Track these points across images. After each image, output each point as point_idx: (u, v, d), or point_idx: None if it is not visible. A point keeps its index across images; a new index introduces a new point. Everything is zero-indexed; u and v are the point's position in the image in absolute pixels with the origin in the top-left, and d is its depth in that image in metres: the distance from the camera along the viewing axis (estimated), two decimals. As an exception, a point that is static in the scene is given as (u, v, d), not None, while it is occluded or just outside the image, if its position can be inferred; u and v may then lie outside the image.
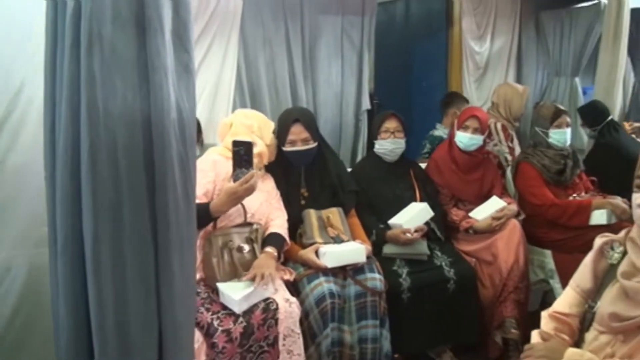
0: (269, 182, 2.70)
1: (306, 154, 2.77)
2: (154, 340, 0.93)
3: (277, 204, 2.67)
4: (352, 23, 3.79)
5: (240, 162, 2.20)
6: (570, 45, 5.05)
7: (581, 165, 3.40)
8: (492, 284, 2.97)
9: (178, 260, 0.95)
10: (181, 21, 0.97)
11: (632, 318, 1.35)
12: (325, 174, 2.89)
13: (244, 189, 2.18)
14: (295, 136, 2.73)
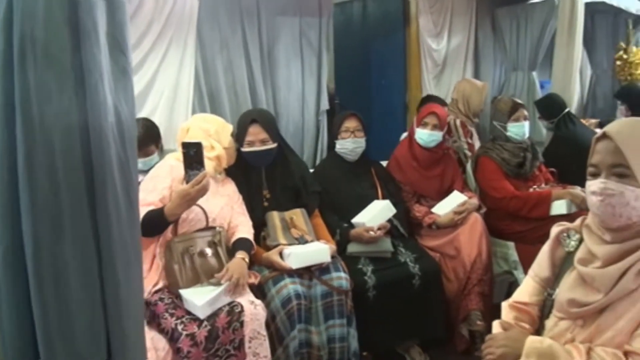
0: (230, 186, 2.67)
1: (265, 155, 2.75)
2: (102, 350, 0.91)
3: (240, 209, 2.63)
4: (310, 24, 3.79)
5: (191, 164, 2.17)
6: (527, 41, 5.13)
7: (540, 158, 3.45)
8: (457, 277, 3.00)
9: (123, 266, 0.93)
10: (116, 23, 0.95)
11: (590, 303, 1.36)
12: (286, 175, 2.88)
13: (196, 190, 2.15)
14: (253, 137, 2.72)
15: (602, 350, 1.31)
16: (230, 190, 2.64)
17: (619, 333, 1.32)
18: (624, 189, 1.31)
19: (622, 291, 1.32)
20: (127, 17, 0.98)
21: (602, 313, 1.37)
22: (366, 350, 2.78)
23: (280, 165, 2.86)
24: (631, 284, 1.32)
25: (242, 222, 2.59)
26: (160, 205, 2.25)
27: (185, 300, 2.17)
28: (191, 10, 3.16)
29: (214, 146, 2.47)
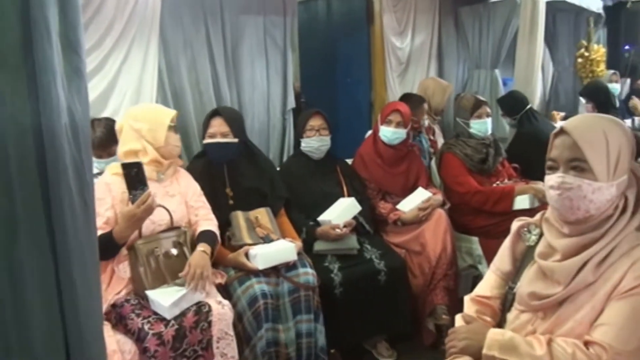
0: (183, 180, 2.56)
1: (225, 148, 2.74)
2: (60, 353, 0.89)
3: (199, 202, 2.56)
4: (274, 23, 3.77)
5: (134, 184, 2.11)
6: (489, 39, 5.21)
7: (503, 153, 3.51)
8: (422, 273, 3.04)
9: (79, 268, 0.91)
10: (69, 22, 0.93)
11: (550, 296, 1.39)
12: (252, 175, 2.86)
13: (142, 210, 2.10)
14: (214, 129, 2.73)
15: (563, 341, 1.34)
16: (183, 185, 2.54)
17: (579, 324, 1.35)
18: (581, 182, 1.34)
19: (581, 283, 1.35)
20: (81, 17, 0.96)
21: (562, 305, 1.40)
22: (334, 347, 2.79)
23: (244, 164, 2.84)
24: (590, 276, 1.35)
25: (204, 215, 2.53)
26: (107, 229, 2.17)
27: (151, 301, 2.15)
28: (153, 9, 3.12)
29: (146, 150, 2.37)
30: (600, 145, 1.35)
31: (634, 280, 1.29)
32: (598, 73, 5.74)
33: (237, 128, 2.77)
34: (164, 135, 2.40)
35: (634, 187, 1.41)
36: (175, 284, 2.20)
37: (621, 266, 1.33)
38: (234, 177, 2.82)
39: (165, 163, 2.44)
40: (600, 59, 5.81)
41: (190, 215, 2.50)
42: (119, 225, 2.14)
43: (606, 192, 1.34)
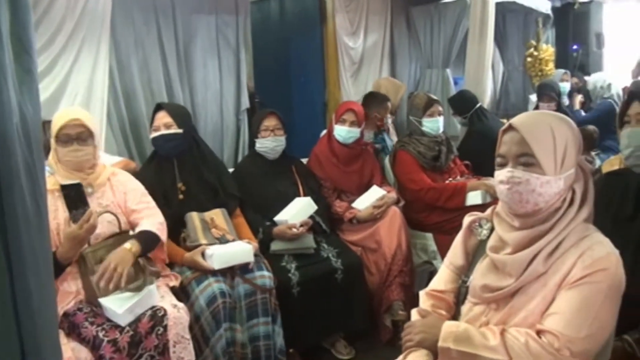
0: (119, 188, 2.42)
1: (169, 139, 2.70)
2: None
3: (141, 204, 2.44)
4: (227, 22, 3.76)
5: (75, 204, 2.09)
6: (440, 39, 5.31)
7: (455, 151, 3.59)
8: (378, 270, 3.07)
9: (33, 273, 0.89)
10: (20, 22, 0.91)
11: (503, 288, 1.43)
12: (202, 168, 2.83)
13: (85, 230, 2.05)
14: (157, 122, 2.71)
15: (516, 331, 1.37)
16: (119, 192, 2.41)
17: (531, 314, 1.39)
18: (529, 176, 1.38)
19: (532, 275, 1.39)
20: (32, 17, 0.94)
21: (514, 296, 1.43)
22: (292, 347, 2.79)
23: (193, 157, 2.81)
24: (540, 268, 1.39)
25: (147, 215, 2.42)
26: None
27: (105, 308, 2.10)
28: (104, 8, 3.06)
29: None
30: (547, 140, 1.39)
31: (583, 270, 1.33)
32: (547, 72, 5.91)
33: (180, 119, 2.73)
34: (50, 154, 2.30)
35: (581, 180, 1.45)
36: (128, 290, 2.16)
37: (570, 257, 1.37)
38: (184, 171, 2.78)
39: (88, 178, 2.31)
40: (549, 58, 5.98)
41: (131, 218, 2.41)
42: (63, 246, 2.07)
43: (554, 185, 1.38)
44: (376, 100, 3.93)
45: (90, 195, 2.30)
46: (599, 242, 1.38)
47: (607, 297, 1.32)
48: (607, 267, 1.33)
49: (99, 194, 2.35)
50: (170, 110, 2.74)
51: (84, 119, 2.27)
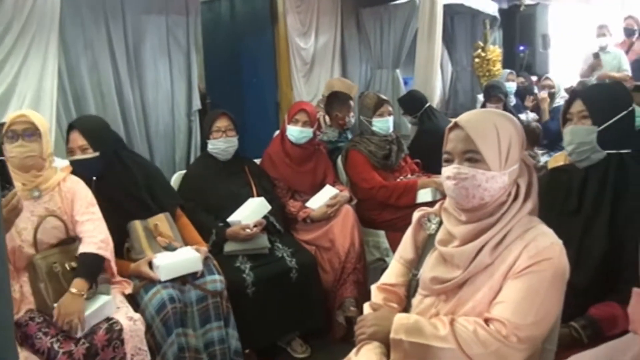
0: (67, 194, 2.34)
1: (85, 164, 2.51)
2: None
3: (85, 216, 2.32)
4: (177, 22, 3.71)
5: None
6: (390, 40, 5.38)
7: (405, 150, 3.66)
8: (332, 268, 3.10)
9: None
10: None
11: (451, 279, 1.48)
12: (127, 184, 2.67)
13: (7, 211, 1.90)
14: (72, 144, 2.53)
15: (465, 320, 1.42)
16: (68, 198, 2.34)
17: (479, 303, 1.44)
18: (475, 172, 1.43)
19: (479, 266, 1.44)
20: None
21: (462, 287, 1.48)
22: (248, 347, 2.79)
23: (116, 174, 2.64)
24: (487, 259, 1.44)
25: (88, 232, 2.29)
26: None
27: None
28: (52, 8, 2.97)
29: None
30: (491, 137, 1.44)
31: (528, 260, 1.39)
32: (494, 72, 6.04)
33: (96, 140, 2.54)
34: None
35: (525, 175, 1.51)
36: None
37: (515, 248, 1.42)
38: (106, 190, 2.56)
39: (35, 180, 2.25)
40: (496, 58, 6.11)
41: (76, 229, 2.32)
42: None
43: (499, 180, 1.44)
44: (338, 99, 3.96)
45: (38, 198, 2.24)
46: (543, 233, 1.44)
47: (552, 285, 1.38)
48: (551, 256, 1.39)
49: (46, 198, 2.28)
50: (84, 131, 2.53)
51: (31, 116, 2.22)
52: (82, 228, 2.30)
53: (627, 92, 2.19)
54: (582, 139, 1.97)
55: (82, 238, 2.29)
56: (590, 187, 1.98)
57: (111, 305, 2.17)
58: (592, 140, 1.95)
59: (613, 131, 1.95)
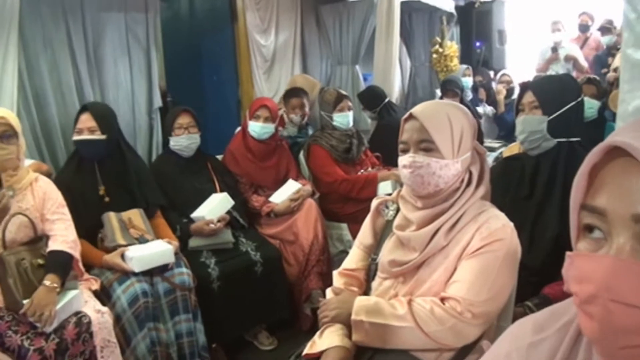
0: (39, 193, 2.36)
1: (92, 144, 2.65)
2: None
3: (56, 215, 2.35)
4: (136, 20, 3.69)
5: None
6: (349, 36, 5.42)
7: (365, 143, 3.73)
8: (297, 261, 3.15)
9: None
10: None
11: (409, 262, 1.55)
12: (124, 174, 2.79)
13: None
14: (82, 124, 2.65)
15: (422, 299, 1.50)
16: (39, 197, 2.35)
17: (435, 283, 1.52)
18: (429, 160, 1.50)
19: (434, 248, 1.52)
20: None
21: (419, 269, 1.55)
22: (215, 342, 2.82)
23: (116, 162, 2.76)
24: (442, 241, 1.51)
25: (59, 230, 2.33)
26: None
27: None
28: (12, 6, 2.94)
29: None
30: (444, 127, 1.51)
31: (481, 241, 1.47)
32: (452, 67, 6.14)
33: (105, 124, 2.68)
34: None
35: (477, 162, 1.60)
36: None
37: (469, 230, 1.50)
38: (105, 174, 2.73)
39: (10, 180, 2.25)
40: (453, 54, 6.21)
41: (45, 226, 2.34)
42: None
43: (452, 168, 1.51)
44: (289, 94, 4.00)
45: (11, 198, 2.24)
46: (494, 216, 1.52)
47: (504, 264, 1.46)
48: (502, 237, 1.47)
49: (19, 197, 2.29)
50: (95, 113, 2.68)
51: (9, 117, 2.23)
52: (53, 226, 2.32)
53: (577, 84, 2.31)
54: (533, 128, 2.07)
55: (51, 236, 2.31)
56: (541, 174, 2.08)
57: (79, 299, 2.19)
58: (543, 129, 2.05)
59: (563, 120, 2.06)
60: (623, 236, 0.61)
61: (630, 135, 0.61)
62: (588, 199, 0.66)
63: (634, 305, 0.57)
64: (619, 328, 0.59)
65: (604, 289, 0.59)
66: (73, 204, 2.51)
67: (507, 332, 0.86)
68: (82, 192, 2.64)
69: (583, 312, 0.63)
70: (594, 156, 0.64)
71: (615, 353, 0.61)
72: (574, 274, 0.65)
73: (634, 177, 0.60)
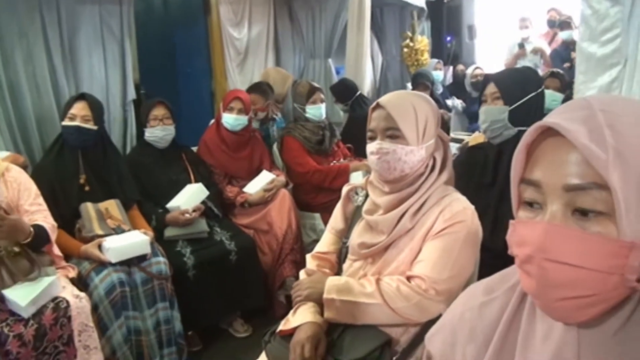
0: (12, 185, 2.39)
1: (83, 133, 2.71)
2: None
3: (34, 206, 2.40)
4: (110, 12, 3.69)
5: None
6: (322, 30, 5.49)
7: (337, 135, 3.81)
8: (271, 249, 3.23)
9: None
10: None
11: (377, 244, 1.64)
12: (105, 166, 2.84)
13: None
14: (76, 111, 2.71)
15: (389, 278, 1.59)
16: (12, 190, 2.38)
17: (402, 263, 1.61)
18: (395, 147, 1.59)
19: (401, 230, 1.61)
20: None
21: (386, 250, 1.65)
22: (191, 330, 2.89)
23: (98, 153, 2.82)
24: (408, 224, 1.60)
25: (39, 218, 2.38)
26: None
27: (8, 300, 2.10)
28: (-14, -3, 2.96)
29: None
30: (409, 115, 1.60)
31: (444, 223, 1.56)
32: (422, 61, 6.23)
33: (98, 116, 2.77)
34: None
35: (441, 149, 1.69)
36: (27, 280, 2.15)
37: (433, 213, 1.59)
38: (88, 164, 2.78)
39: None
40: (424, 48, 6.29)
41: (24, 219, 2.34)
42: None
43: (417, 154, 1.60)
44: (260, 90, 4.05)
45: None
46: (456, 199, 1.62)
47: (465, 244, 1.56)
48: (464, 219, 1.56)
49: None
50: (92, 104, 2.76)
51: None
52: (32, 217, 2.37)
53: (537, 76, 2.41)
54: (495, 118, 2.17)
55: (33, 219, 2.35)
56: (503, 161, 2.18)
57: (57, 285, 2.22)
58: (504, 119, 2.16)
59: (523, 110, 2.16)
60: (556, 204, 0.70)
61: (561, 117, 0.70)
62: (526, 173, 0.75)
63: (564, 263, 0.67)
64: (553, 283, 0.68)
65: (539, 250, 0.69)
66: (52, 192, 2.57)
67: (461, 295, 0.96)
68: (62, 179, 2.68)
69: (523, 271, 0.73)
70: (529, 135, 0.73)
71: (552, 305, 0.70)
72: (515, 239, 0.75)
73: (564, 153, 0.69)
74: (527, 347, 0.78)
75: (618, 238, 0.65)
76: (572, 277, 0.67)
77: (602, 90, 2.13)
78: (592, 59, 1.93)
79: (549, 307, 0.71)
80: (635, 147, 0.65)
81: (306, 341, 1.53)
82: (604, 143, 0.65)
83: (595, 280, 0.66)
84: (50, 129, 3.22)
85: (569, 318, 0.71)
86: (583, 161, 0.67)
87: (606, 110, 0.68)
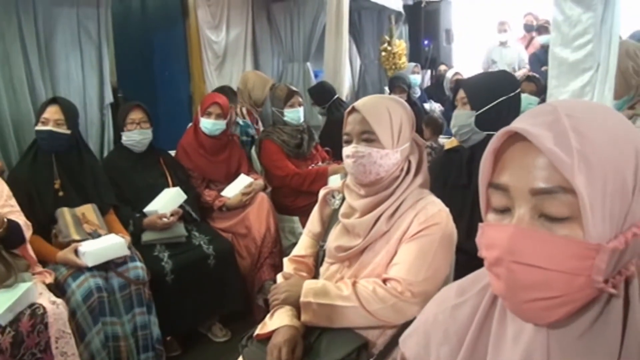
0: None
1: (56, 137, 2.68)
2: None
3: (6, 207, 2.38)
4: (88, 15, 3.66)
5: None
6: (300, 34, 5.52)
7: (316, 138, 3.82)
8: (249, 253, 3.22)
9: None
10: None
11: (353, 247, 1.65)
12: (80, 171, 2.82)
13: None
14: (49, 115, 2.68)
15: (365, 281, 1.60)
16: None
17: (378, 266, 1.62)
18: (371, 150, 1.60)
19: (377, 233, 1.62)
20: None
21: (363, 253, 1.66)
22: (170, 335, 2.87)
23: (73, 157, 2.80)
24: (384, 227, 1.62)
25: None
26: None
27: None
28: (-38, 0, 2.91)
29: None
30: (384, 119, 1.62)
31: (419, 226, 1.58)
32: (400, 65, 6.27)
33: (72, 120, 2.74)
34: None
35: (416, 152, 1.71)
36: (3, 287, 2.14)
37: (408, 216, 1.61)
38: (62, 169, 2.75)
39: None
40: (402, 52, 6.34)
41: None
42: None
43: (392, 157, 1.62)
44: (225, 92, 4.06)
45: None
46: (431, 202, 1.64)
47: (440, 246, 1.58)
48: (438, 221, 1.58)
49: None
50: (65, 107, 2.73)
51: None
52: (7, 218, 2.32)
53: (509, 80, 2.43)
54: (463, 122, 2.22)
55: None
56: (476, 164, 2.19)
57: (34, 291, 2.20)
58: (471, 123, 2.20)
59: (491, 114, 2.19)
60: (523, 208, 0.71)
61: (527, 122, 0.72)
62: (494, 177, 0.77)
63: (532, 265, 0.68)
64: (522, 285, 0.70)
65: (508, 253, 0.70)
66: (28, 197, 2.54)
67: (435, 297, 0.97)
68: (37, 184, 2.66)
69: (492, 274, 0.74)
70: (496, 140, 0.75)
71: (521, 306, 0.72)
72: (484, 242, 0.76)
73: (531, 158, 0.70)
74: (498, 348, 0.80)
75: (584, 240, 0.66)
76: (540, 278, 0.68)
77: (574, 95, 2.18)
78: (565, 63, 1.97)
79: (518, 308, 0.73)
80: (600, 151, 0.67)
81: (283, 344, 1.54)
82: (569, 147, 0.67)
83: (563, 281, 0.67)
84: (28, 133, 3.18)
85: (538, 319, 0.72)
86: (549, 165, 0.68)
87: (571, 115, 0.70)
